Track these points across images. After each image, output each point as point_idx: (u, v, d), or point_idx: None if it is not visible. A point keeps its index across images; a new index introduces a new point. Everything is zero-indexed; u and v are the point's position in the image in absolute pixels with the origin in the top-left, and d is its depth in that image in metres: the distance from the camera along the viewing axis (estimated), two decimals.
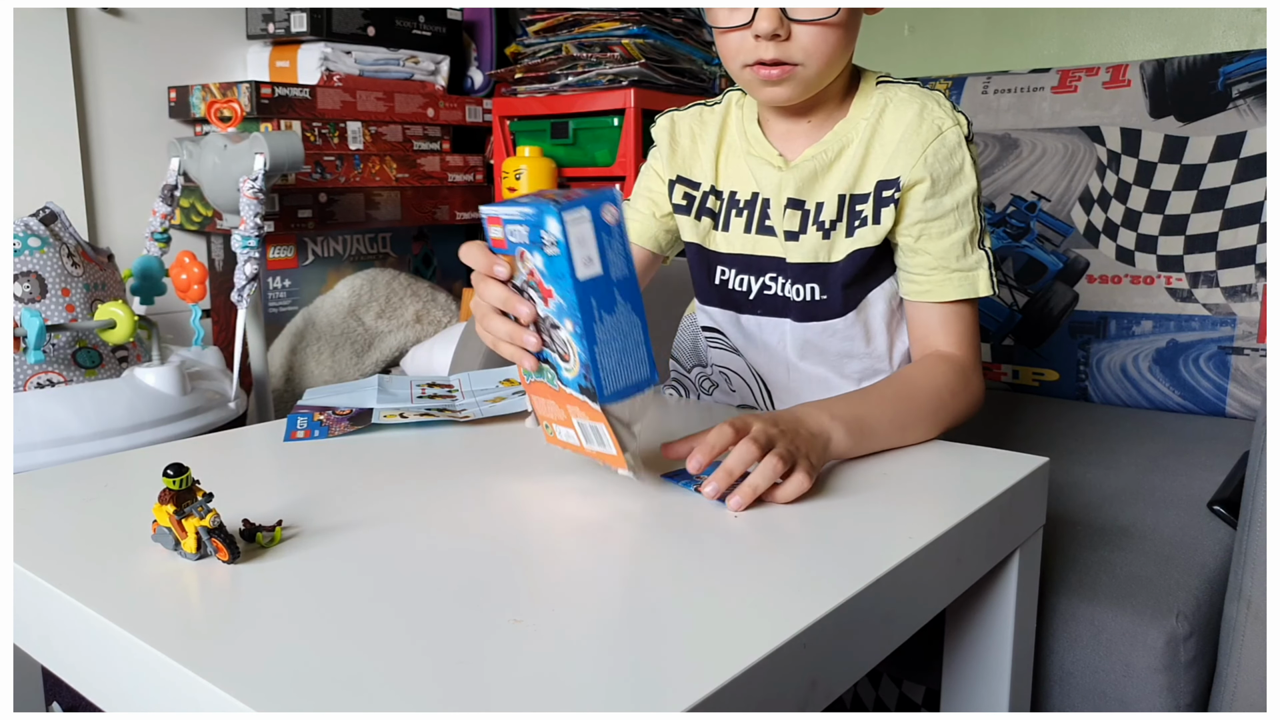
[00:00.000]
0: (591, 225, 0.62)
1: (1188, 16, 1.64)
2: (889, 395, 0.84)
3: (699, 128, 1.01)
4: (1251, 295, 1.31)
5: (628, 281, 0.64)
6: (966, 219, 0.88)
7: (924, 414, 0.84)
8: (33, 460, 1.18)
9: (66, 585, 0.54)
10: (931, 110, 0.88)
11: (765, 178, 0.94)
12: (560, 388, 0.68)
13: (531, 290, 0.67)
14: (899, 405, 0.83)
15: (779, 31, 0.82)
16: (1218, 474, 1.08)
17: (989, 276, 0.89)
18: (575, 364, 0.65)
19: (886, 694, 1.15)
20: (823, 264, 0.92)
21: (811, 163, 0.91)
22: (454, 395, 0.98)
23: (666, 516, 0.66)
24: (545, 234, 0.62)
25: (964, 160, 0.87)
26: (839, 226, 0.91)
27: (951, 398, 0.86)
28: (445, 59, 2.11)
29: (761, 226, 0.95)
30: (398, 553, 0.59)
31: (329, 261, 2.00)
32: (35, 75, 1.70)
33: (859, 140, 0.90)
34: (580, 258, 0.62)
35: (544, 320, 0.67)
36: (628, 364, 0.65)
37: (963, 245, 0.88)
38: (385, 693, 0.43)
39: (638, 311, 0.65)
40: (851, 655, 0.55)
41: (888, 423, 0.81)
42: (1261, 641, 0.80)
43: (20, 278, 1.31)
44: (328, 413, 0.91)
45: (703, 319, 1.04)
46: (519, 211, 0.64)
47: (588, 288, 0.62)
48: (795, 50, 0.83)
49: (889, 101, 0.90)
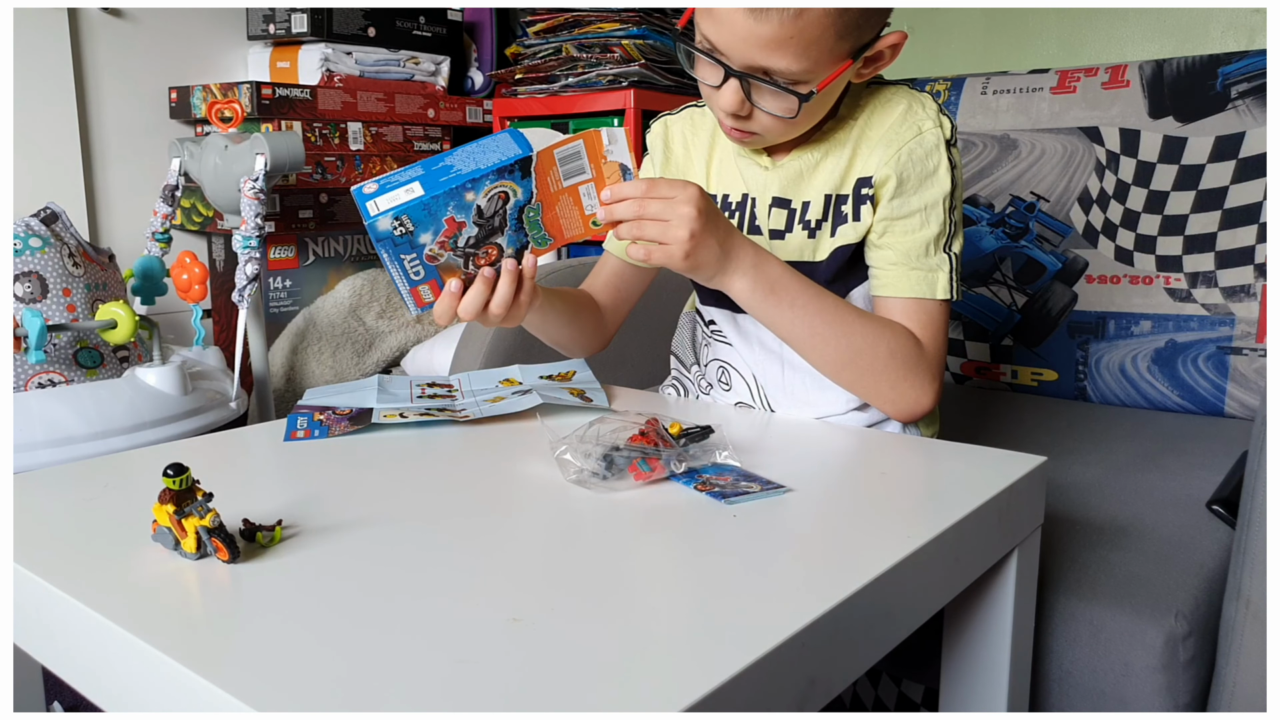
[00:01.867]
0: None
1: (1186, 17, 1.64)
2: (828, 303, 0.86)
3: (691, 134, 1.02)
4: (1250, 295, 1.31)
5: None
6: (934, 220, 0.88)
7: (844, 344, 0.85)
8: (34, 460, 1.18)
9: (66, 585, 0.55)
10: (915, 111, 0.88)
11: (753, 177, 0.95)
12: (553, 218, 0.81)
13: (449, 249, 0.79)
14: (827, 315, 0.85)
15: (739, 112, 0.84)
16: (1216, 474, 1.08)
17: (949, 281, 0.88)
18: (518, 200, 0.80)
19: (886, 693, 1.15)
20: (808, 263, 0.92)
21: (797, 163, 0.92)
22: (454, 395, 0.98)
23: (665, 515, 0.66)
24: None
25: (940, 163, 0.87)
26: (824, 226, 0.91)
27: (888, 358, 0.86)
28: (446, 60, 2.11)
29: (752, 227, 0.96)
30: (397, 552, 0.59)
31: (330, 262, 2.00)
32: (36, 75, 1.70)
33: (846, 141, 0.90)
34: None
35: (474, 242, 0.80)
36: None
37: (926, 245, 0.88)
38: (385, 692, 0.43)
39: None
40: (850, 654, 0.55)
41: (800, 309, 0.84)
42: (1261, 641, 0.80)
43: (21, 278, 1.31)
44: (328, 413, 0.91)
45: (706, 314, 1.05)
46: (410, 175, 0.78)
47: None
48: (756, 125, 0.85)
49: (877, 103, 0.90)
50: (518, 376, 1.04)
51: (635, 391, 1.04)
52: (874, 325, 0.87)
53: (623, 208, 0.79)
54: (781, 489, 0.70)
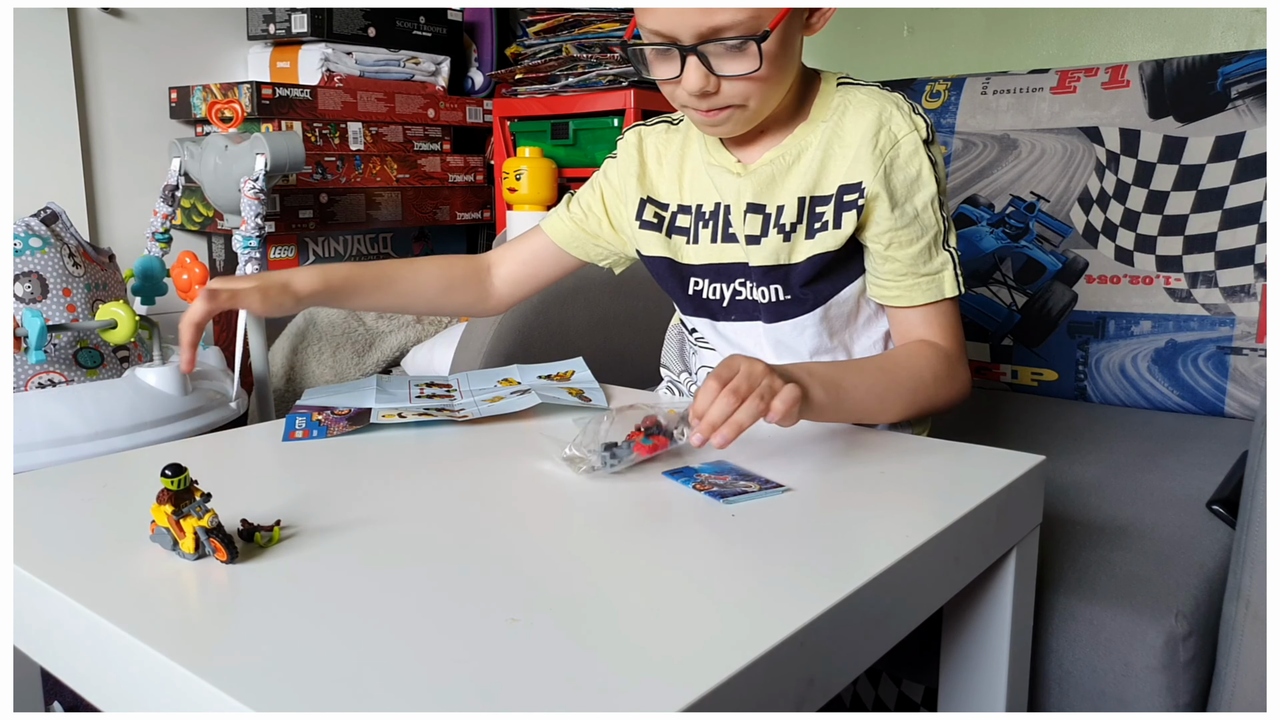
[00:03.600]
0: None
1: (1186, 17, 1.64)
2: (870, 368, 0.88)
3: (664, 147, 1.02)
4: (1250, 295, 1.31)
5: None
6: (930, 223, 0.89)
7: (903, 391, 0.87)
8: (34, 460, 1.18)
9: (66, 585, 0.55)
10: (890, 115, 0.88)
11: (724, 185, 0.95)
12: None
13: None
14: (879, 378, 0.86)
15: (707, 89, 0.84)
16: (1216, 474, 1.08)
17: (954, 276, 0.91)
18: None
19: (885, 693, 1.15)
20: (783, 266, 0.92)
21: (769, 167, 0.92)
22: (453, 395, 0.98)
23: (663, 515, 0.66)
24: None
25: (921, 166, 0.88)
26: (799, 229, 0.91)
27: (934, 381, 0.89)
28: (446, 60, 2.11)
29: (725, 235, 0.95)
30: (395, 552, 0.59)
31: (330, 262, 2.00)
32: (36, 75, 1.70)
33: (818, 143, 0.90)
34: None
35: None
36: None
37: (928, 249, 0.90)
38: (384, 692, 0.43)
39: None
40: (849, 653, 0.55)
41: (865, 391, 0.84)
42: (1261, 641, 0.80)
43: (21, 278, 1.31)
44: (326, 413, 0.91)
45: (688, 323, 1.06)
46: None
47: None
48: (727, 97, 0.85)
49: (849, 104, 0.90)
50: (516, 376, 1.04)
51: (635, 391, 1.04)
52: (910, 361, 0.89)
53: (718, 410, 0.72)
54: (780, 488, 0.70)
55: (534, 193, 1.95)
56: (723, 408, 0.71)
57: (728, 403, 0.71)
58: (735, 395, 0.72)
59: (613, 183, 1.04)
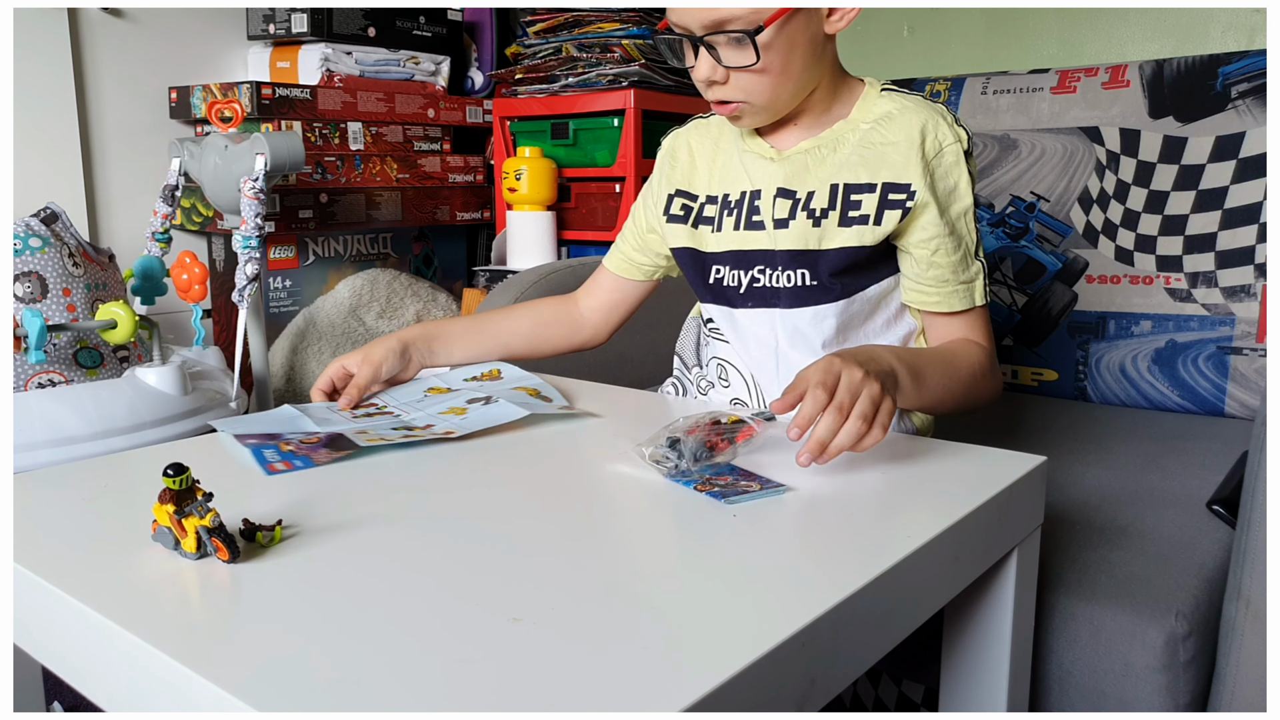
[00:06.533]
0: None
1: (1187, 17, 1.64)
2: (938, 358, 0.90)
3: (697, 141, 1.05)
4: (1250, 295, 1.31)
5: None
6: (967, 234, 0.93)
7: (963, 384, 0.90)
8: (34, 460, 1.18)
9: (66, 585, 0.55)
10: (936, 123, 0.91)
11: (757, 170, 0.96)
12: None
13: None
14: (946, 369, 0.89)
15: (714, 79, 0.88)
16: (1216, 474, 1.08)
17: (984, 286, 0.95)
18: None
19: (886, 693, 1.15)
20: (812, 251, 0.93)
21: (804, 156, 0.94)
22: (395, 413, 0.92)
23: (665, 515, 0.66)
24: None
25: (960, 177, 0.92)
26: (831, 215, 0.92)
27: (982, 376, 0.93)
28: (446, 60, 2.11)
29: (750, 222, 0.97)
30: (397, 552, 0.59)
31: (330, 262, 2.00)
32: (36, 75, 1.70)
33: (858, 140, 0.93)
34: None
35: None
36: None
37: (966, 258, 0.93)
38: (385, 692, 0.43)
39: None
40: (850, 654, 0.55)
41: (937, 381, 0.87)
42: (1261, 641, 0.80)
43: (21, 278, 1.31)
44: (295, 442, 0.82)
45: (705, 312, 1.06)
46: None
47: None
48: (736, 91, 0.89)
49: (893, 109, 0.93)
50: (441, 384, 0.99)
51: (635, 391, 1.04)
52: (967, 356, 0.92)
53: (825, 428, 0.72)
54: (781, 488, 0.70)
55: (534, 193, 1.95)
56: (829, 425, 0.71)
57: (834, 420, 0.71)
58: (840, 412, 0.71)
59: (651, 190, 1.08)
